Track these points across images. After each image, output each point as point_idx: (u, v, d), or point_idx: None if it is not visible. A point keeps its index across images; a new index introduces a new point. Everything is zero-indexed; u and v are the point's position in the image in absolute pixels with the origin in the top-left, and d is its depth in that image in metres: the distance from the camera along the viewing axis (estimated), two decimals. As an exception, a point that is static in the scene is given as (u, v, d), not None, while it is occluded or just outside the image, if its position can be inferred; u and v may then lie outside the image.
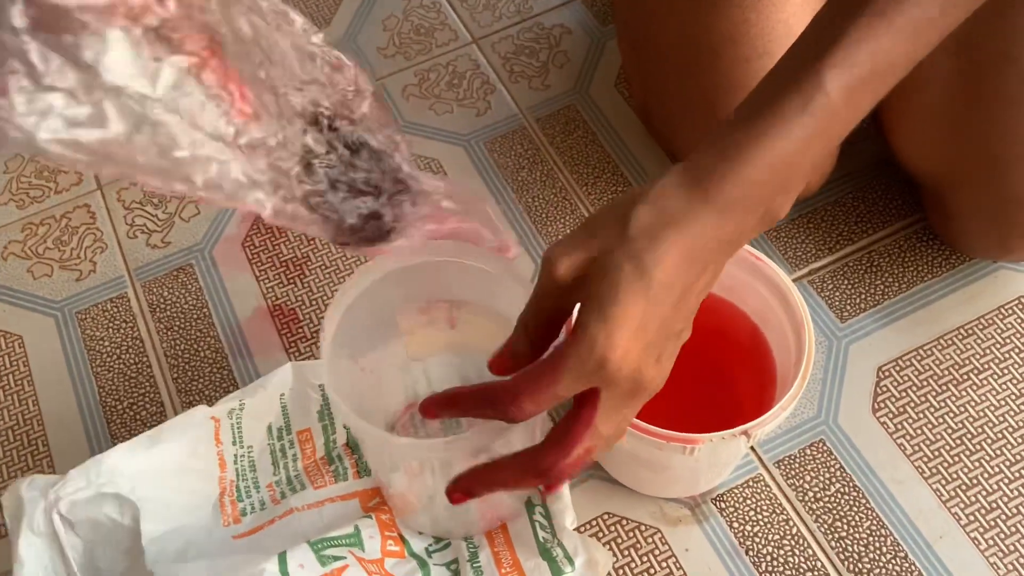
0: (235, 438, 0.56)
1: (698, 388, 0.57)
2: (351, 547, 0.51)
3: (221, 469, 0.56)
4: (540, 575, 0.51)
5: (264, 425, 0.57)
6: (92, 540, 0.53)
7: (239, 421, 0.56)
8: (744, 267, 0.54)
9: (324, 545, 0.50)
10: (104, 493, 0.52)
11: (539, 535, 0.53)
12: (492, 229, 0.47)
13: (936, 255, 0.68)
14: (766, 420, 0.47)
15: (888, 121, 0.63)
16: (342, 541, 0.51)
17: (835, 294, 0.67)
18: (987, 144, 0.57)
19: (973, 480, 0.59)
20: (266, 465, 0.57)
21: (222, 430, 0.56)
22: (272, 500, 0.56)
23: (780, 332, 0.53)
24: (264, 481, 0.56)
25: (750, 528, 0.58)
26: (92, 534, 0.53)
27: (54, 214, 0.75)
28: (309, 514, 0.54)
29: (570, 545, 0.52)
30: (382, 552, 0.52)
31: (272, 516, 0.55)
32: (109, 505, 0.53)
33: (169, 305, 0.70)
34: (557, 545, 0.52)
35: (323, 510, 0.55)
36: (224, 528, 0.54)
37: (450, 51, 0.83)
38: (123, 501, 0.53)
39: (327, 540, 0.51)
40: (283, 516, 0.54)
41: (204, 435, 0.55)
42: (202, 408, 0.56)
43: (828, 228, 0.70)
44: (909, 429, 0.61)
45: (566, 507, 0.53)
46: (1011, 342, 0.64)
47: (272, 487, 0.56)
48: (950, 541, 0.57)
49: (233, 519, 0.55)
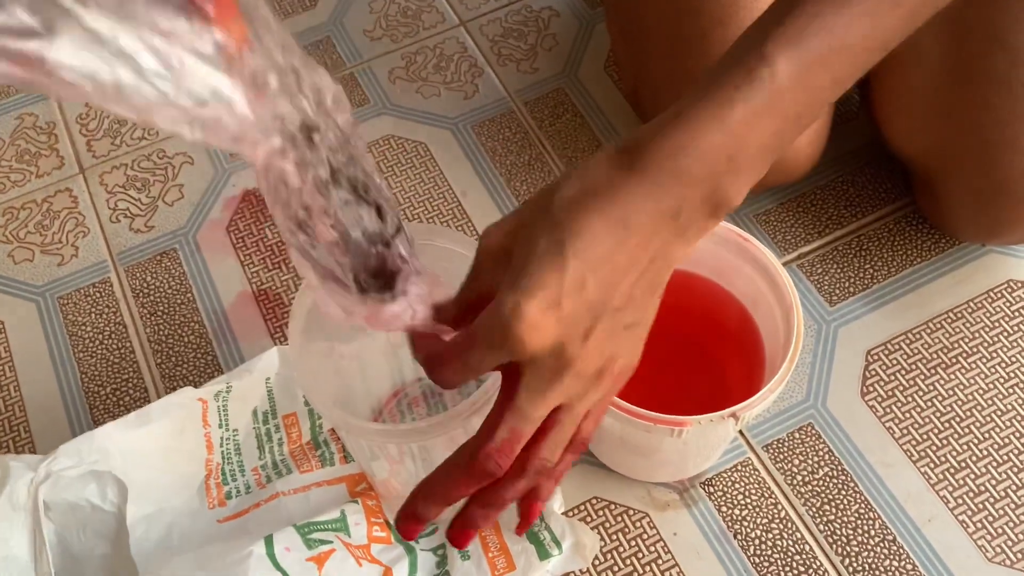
0: (221, 421, 0.56)
1: (686, 371, 0.57)
2: (337, 532, 0.51)
3: (208, 451, 0.55)
4: (528, 559, 0.51)
5: (250, 409, 0.57)
6: (67, 525, 0.52)
7: (225, 404, 0.56)
8: (733, 249, 0.54)
9: (311, 529, 0.50)
10: (94, 471, 0.51)
11: None
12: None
13: (925, 239, 0.68)
14: (754, 402, 0.47)
15: (877, 104, 0.63)
16: (328, 526, 0.51)
17: (824, 278, 0.66)
18: (976, 128, 0.56)
19: (961, 463, 0.59)
20: (251, 449, 0.56)
21: (209, 412, 0.55)
22: (258, 484, 0.55)
23: (769, 315, 0.53)
24: (249, 465, 0.56)
25: (738, 512, 0.57)
26: (69, 518, 0.52)
27: (35, 198, 0.74)
28: (295, 498, 0.54)
29: (557, 528, 0.52)
30: (368, 538, 0.52)
31: (257, 500, 0.54)
32: (91, 488, 0.52)
33: (152, 290, 0.69)
34: (544, 529, 0.52)
35: (309, 494, 0.54)
36: (209, 511, 0.54)
37: (437, 33, 0.82)
38: (107, 483, 0.52)
39: (313, 524, 0.50)
40: (269, 500, 0.54)
41: (191, 416, 0.55)
42: (189, 389, 0.56)
43: (817, 212, 0.69)
44: (898, 413, 0.61)
45: (554, 492, 0.53)
46: (1000, 325, 0.64)
47: (257, 471, 0.56)
48: (939, 524, 0.57)
49: (219, 502, 0.55)
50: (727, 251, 0.54)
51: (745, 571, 0.55)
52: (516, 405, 0.36)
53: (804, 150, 0.60)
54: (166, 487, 0.53)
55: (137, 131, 0.77)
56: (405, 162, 0.74)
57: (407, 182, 0.73)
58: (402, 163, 0.74)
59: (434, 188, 0.73)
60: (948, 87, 0.57)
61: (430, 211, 0.72)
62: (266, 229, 0.71)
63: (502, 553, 0.51)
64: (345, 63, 0.81)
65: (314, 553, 0.48)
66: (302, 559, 0.48)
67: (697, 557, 0.56)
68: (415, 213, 0.72)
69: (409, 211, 0.72)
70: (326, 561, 0.48)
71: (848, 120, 0.74)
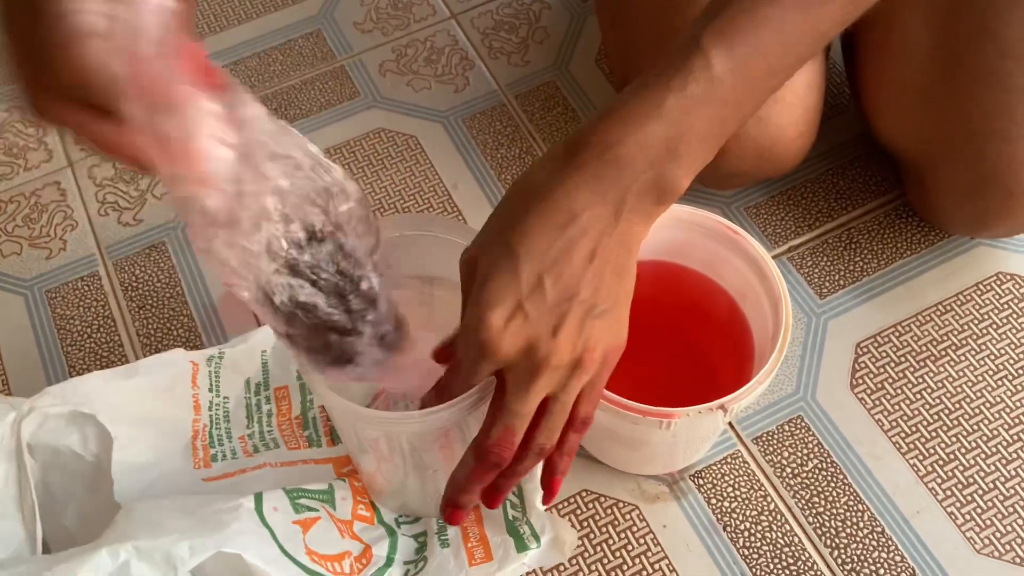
0: (212, 385, 0.56)
1: (676, 363, 0.57)
2: (324, 503, 0.51)
3: (195, 412, 0.56)
4: (505, 551, 0.51)
5: (243, 378, 0.57)
6: (50, 467, 0.53)
7: (217, 369, 0.56)
8: (722, 241, 0.54)
9: (299, 495, 0.50)
10: (78, 414, 0.52)
11: (508, 512, 0.53)
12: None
13: (915, 232, 0.68)
14: (743, 394, 0.47)
15: (866, 96, 0.63)
16: (316, 495, 0.51)
17: (814, 271, 0.66)
18: (965, 119, 0.56)
19: (950, 455, 0.59)
20: (240, 418, 0.57)
21: (200, 375, 0.56)
22: (244, 452, 0.56)
23: (758, 307, 0.53)
24: (237, 433, 0.56)
25: (728, 504, 0.57)
26: (51, 460, 0.53)
27: (23, 191, 0.74)
28: (282, 471, 0.54)
29: (537, 523, 0.52)
30: (352, 515, 0.52)
31: (244, 466, 0.55)
32: (73, 436, 0.53)
33: (141, 284, 0.69)
34: (525, 523, 0.52)
35: (296, 469, 0.55)
36: (195, 470, 0.54)
37: (428, 26, 0.82)
38: (89, 431, 0.53)
39: (302, 491, 0.51)
40: (256, 468, 0.54)
41: (181, 376, 0.56)
42: (180, 351, 0.57)
43: (807, 205, 0.69)
44: (887, 405, 0.61)
45: (537, 487, 0.53)
46: (989, 318, 0.64)
47: (244, 440, 0.56)
48: (927, 516, 0.57)
49: (204, 463, 0.55)
50: (717, 244, 0.54)
51: (734, 563, 0.55)
52: (505, 404, 0.39)
53: (794, 142, 0.60)
54: (151, 441, 0.54)
55: (126, 124, 0.77)
56: (395, 155, 0.74)
57: (397, 175, 0.73)
58: (392, 156, 0.74)
59: (424, 181, 0.73)
60: (937, 79, 0.57)
61: (420, 204, 0.71)
62: (256, 222, 0.71)
63: (481, 544, 0.52)
64: (335, 56, 0.80)
65: (300, 517, 0.49)
66: (288, 521, 0.48)
67: (686, 549, 0.56)
68: (405, 206, 0.71)
69: (399, 204, 0.71)
70: (311, 527, 0.49)
71: (839, 113, 0.74)
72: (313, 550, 0.48)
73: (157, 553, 0.44)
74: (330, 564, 0.48)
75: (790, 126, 0.59)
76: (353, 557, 0.50)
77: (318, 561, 0.48)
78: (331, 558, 0.49)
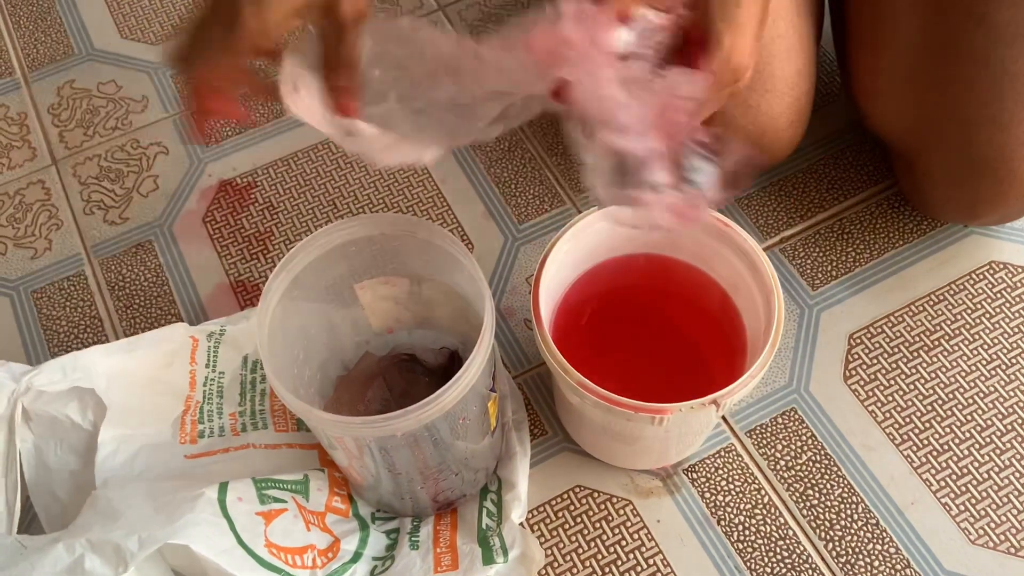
0: (209, 360, 0.57)
1: (669, 357, 0.57)
2: (295, 493, 0.51)
3: (190, 388, 0.56)
4: (472, 560, 0.51)
5: (241, 355, 0.57)
6: (46, 437, 0.53)
7: (216, 346, 0.57)
8: (713, 234, 0.53)
9: (268, 485, 0.50)
10: (77, 388, 0.53)
11: (483, 522, 0.53)
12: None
13: (907, 221, 0.67)
14: (735, 389, 0.46)
15: (857, 84, 0.62)
16: (287, 486, 0.51)
17: (806, 262, 0.66)
18: (955, 106, 0.56)
19: (944, 446, 0.58)
20: (233, 395, 0.57)
21: (199, 351, 0.57)
22: (232, 430, 0.56)
23: (750, 300, 0.53)
24: (228, 409, 0.56)
25: (722, 498, 0.57)
26: (48, 431, 0.53)
27: (7, 191, 0.73)
28: (264, 453, 0.54)
29: (509, 537, 0.52)
30: (326, 507, 0.52)
31: (228, 445, 0.55)
32: (73, 405, 0.53)
33: (128, 283, 0.68)
34: (497, 534, 0.52)
35: (279, 452, 0.54)
36: (179, 446, 0.55)
37: (415, 18, 0.81)
38: (88, 402, 0.53)
39: (272, 481, 0.51)
40: (239, 448, 0.54)
41: (181, 351, 0.56)
42: (182, 326, 0.57)
43: (799, 195, 0.69)
44: (880, 396, 0.60)
45: (516, 499, 0.53)
46: (982, 307, 0.63)
47: (235, 416, 0.56)
48: (921, 507, 0.56)
49: (190, 439, 0.55)
50: (708, 236, 0.53)
51: (728, 557, 0.55)
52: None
53: (785, 132, 0.60)
54: (142, 414, 0.54)
55: (110, 121, 0.76)
56: (383, 150, 0.73)
57: (386, 170, 0.72)
58: (380, 151, 0.73)
59: (413, 176, 0.72)
60: (927, 65, 0.57)
61: (410, 199, 0.71)
62: (243, 219, 0.70)
63: (450, 551, 0.52)
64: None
65: (265, 509, 0.49)
66: (252, 511, 0.48)
67: (680, 543, 0.56)
68: (394, 202, 0.71)
69: (388, 200, 0.71)
70: (274, 519, 0.49)
71: (830, 102, 0.73)
72: (273, 542, 0.48)
73: (108, 547, 0.44)
74: (290, 557, 0.48)
75: (780, 115, 0.59)
76: (317, 551, 0.50)
77: (276, 554, 0.48)
78: (292, 551, 0.49)
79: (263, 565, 0.46)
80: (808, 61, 0.60)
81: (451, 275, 0.50)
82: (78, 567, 0.44)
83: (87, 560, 0.44)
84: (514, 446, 0.55)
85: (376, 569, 0.52)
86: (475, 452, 0.51)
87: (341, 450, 0.48)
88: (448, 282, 0.51)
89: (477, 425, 0.49)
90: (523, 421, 0.58)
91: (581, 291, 0.57)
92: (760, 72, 0.58)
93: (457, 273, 0.49)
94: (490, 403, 0.49)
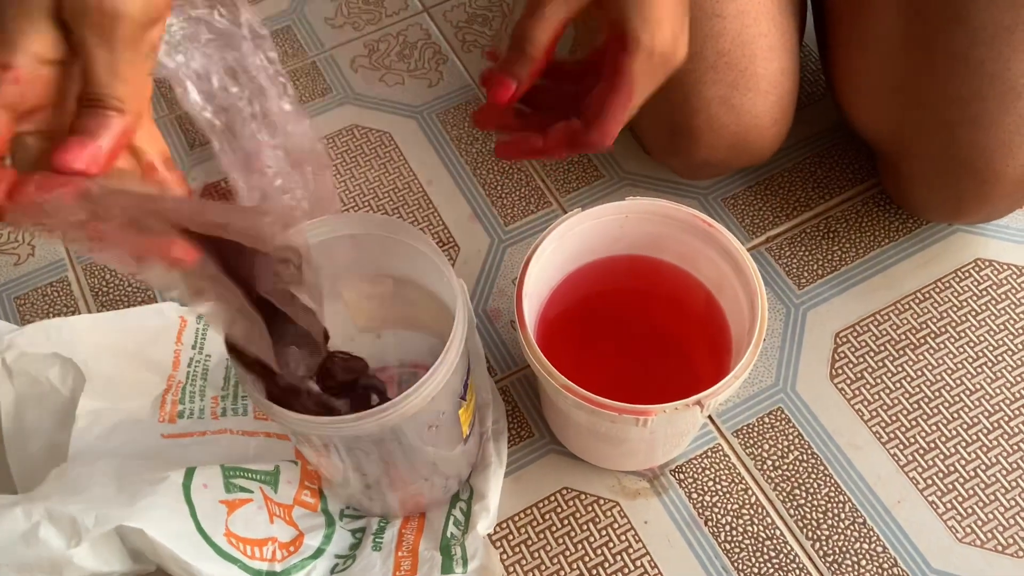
0: (196, 342, 0.57)
1: (654, 358, 0.57)
2: (263, 484, 0.51)
3: (173, 368, 0.56)
4: (431, 567, 0.51)
5: None
6: (25, 395, 0.54)
7: (206, 328, 0.57)
8: (698, 235, 0.53)
9: (236, 473, 0.50)
10: (57, 354, 0.53)
11: (449, 530, 0.53)
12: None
13: (892, 219, 0.67)
14: (719, 389, 0.46)
15: (840, 84, 0.62)
16: (256, 476, 0.51)
17: (792, 261, 0.66)
18: (937, 106, 0.56)
19: (931, 444, 0.58)
20: (218, 378, 0.57)
21: (186, 332, 0.57)
22: (212, 414, 0.56)
23: (734, 300, 0.53)
24: (211, 393, 0.56)
25: (709, 499, 0.57)
26: (28, 389, 0.53)
27: (-9, 196, 0.73)
28: (240, 440, 0.54)
29: (471, 548, 0.52)
30: (295, 500, 0.52)
31: (205, 429, 0.55)
32: (55, 369, 0.53)
33: (112, 288, 0.68)
34: (460, 544, 0.52)
35: (255, 441, 0.54)
36: (157, 424, 0.55)
37: (401, 20, 0.81)
38: (71, 369, 0.53)
39: (241, 470, 0.51)
40: (216, 432, 0.54)
41: (167, 330, 0.57)
42: (174, 304, 0.58)
43: (785, 194, 0.69)
44: (867, 395, 0.60)
45: (485, 510, 0.53)
46: (968, 305, 0.63)
47: (217, 400, 0.56)
48: (908, 506, 0.56)
49: (169, 418, 0.55)
50: (692, 237, 0.53)
51: (716, 557, 0.55)
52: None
53: (768, 130, 0.60)
54: (123, 388, 0.55)
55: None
56: (369, 152, 0.73)
57: (371, 172, 0.72)
58: (366, 153, 0.73)
59: (399, 178, 0.72)
60: (908, 66, 0.56)
61: (395, 201, 0.71)
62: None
63: (411, 555, 0.52)
64: (306, 52, 0.79)
65: (230, 497, 0.49)
66: (215, 499, 0.48)
67: (668, 545, 0.56)
68: (380, 204, 0.70)
69: (374, 202, 0.71)
70: (238, 508, 0.49)
71: (815, 101, 0.73)
72: (234, 532, 0.48)
73: (65, 519, 0.44)
74: (249, 548, 0.48)
75: (764, 114, 0.59)
76: (279, 544, 0.50)
77: (235, 544, 0.47)
78: (252, 542, 0.49)
79: (219, 554, 0.46)
80: (791, 59, 0.60)
81: (427, 277, 0.50)
82: (33, 534, 0.44)
83: (42, 528, 0.44)
84: (490, 456, 0.55)
85: (337, 567, 0.52)
86: (446, 459, 0.51)
87: (307, 447, 0.47)
88: (426, 284, 0.51)
89: (448, 433, 0.48)
90: (503, 431, 0.58)
91: (566, 293, 0.57)
92: (743, 71, 0.57)
93: (433, 275, 0.48)
94: (462, 411, 0.48)
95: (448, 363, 0.43)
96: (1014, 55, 0.53)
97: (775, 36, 0.58)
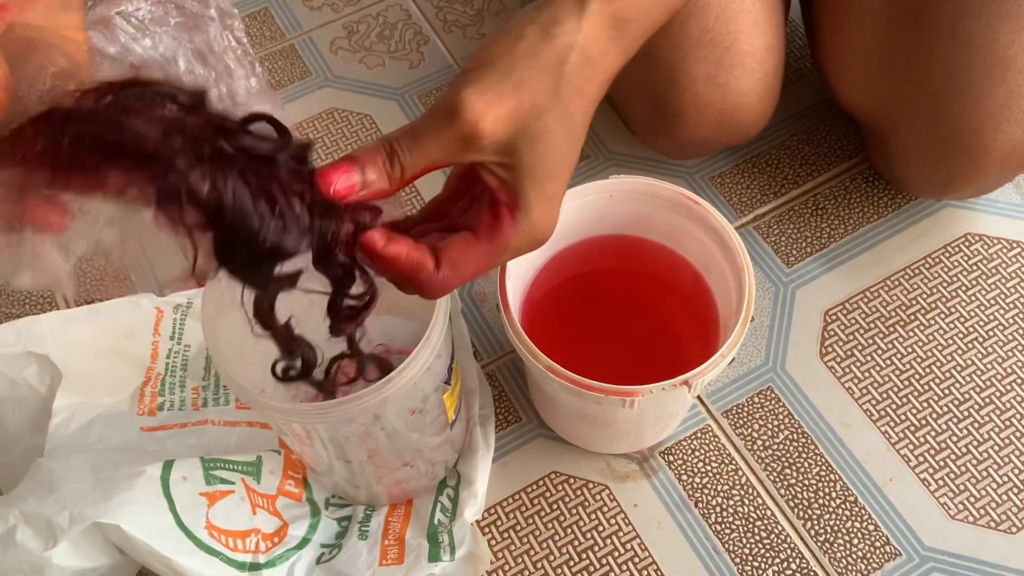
0: (174, 333, 0.56)
1: (642, 339, 0.56)
2: (245, 475, 0.50)
3: (152, 360, 0.55)
4: (418, 556, 0.50)
5: None
6: (4, 399, 0.53)
7: (183, 318, 0.56)
8: (684, 213, 0.52)
9: (216, 465, 0.49)
10: (30, 353, 0.52)
11: (436, 517, 0.52)
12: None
13: (881, 196, 0.67)
14: (706, 369, 0.46)
15: (826, 60, 0.61)
16: (237, 467, 0.50)
17: (780, 239, 0.65)
18: (925, 80, 0.55)
19: (922, 421, 0.58)
20: (198, 368, 0.56)
21: (163, 323, 0.56)
22: (192, 405, 0.55)
23: (721, 278, 0.52)
24: (191, 383, 0.56)
25: (699, 480, 0.56)
26: (7, 392, 0.53)
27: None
28: (221, 430, 0.53)
29: (459, 535, 0.51)
30: (278, 490, 0.51)
31: (185, 420, 0.54)
32: (31, 369, 0.52)
33: (89, 279, 0.66)
34: (447, 532, 0.51)
35: (237, 430, 0.54)
36: (136, 417, 0.54)
37: (380, 1, 0.79)
38: (48, 367, 0.52)
39: (222, 461, 0.50)
40: (196, 424, 0.53)
41: (144, 322, 0.55)
42: (148, 297, 0.56)
43: (772, 172, 0.68)
44: (857, 372, 0.60)
45: (472, 496, 0.52)
46: (958, 280, 0.63)
47: (197, 391, 0.55)
48: (900, 483, 0.56)
49: (148, 411, 0.54)
50: (678, 215, 0.53)
51: (706, 539, 0.55)
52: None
53: (754, 108, 0.59)
54: (101, 383, 0.54)
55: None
56: (350, 135, 0.72)
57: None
58: (347, 136, 0.72)
59: (381, 161, 0.71)
60: (895, 40, 0.56)
61: (377, 185, 0.69)
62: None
63: (397, 544, 0.51)
64: (284, 34, 0.78)
65: (210, 489, 0.48)
66: (195, 492, 0.47)
67: (658, 527, 0.55)
68: (362, 188, 0.69)
69: (356, 186, 0.69)
70: (219, 500, 0.48)
71: (801, 78, 0.72)
72: (215, 525, 0.47)
73: (40, 520, 0.44)
74: (231, 540, 0.47)
75: (750, 91, 0.58)
76: (262, 535, 0.49)
77: (216, 536, 0.47)
78: (233, 534, 0.48)
79: (200, 547, 0.46)
80: (776, 35, 0.59)
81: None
82: (9, 538, 0.43)
83: (19, 532, 0.43)
84: (477, 441, 0.54)
85: (323, 557, 0.51)
86: (432, 445, 0.50)
87: (290, 435, 0.46)
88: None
89: (433, 418, 0.47)
90: (490, 416, 0.57)
91: (551, 274, 0.56)
92: (728, 48, 0.56)
93: None
94: (447, 396, 0.47)
95: (431, 345, 0.42)
96: (1001, 25, 0.52)
97: (760, 12, 0.57)
